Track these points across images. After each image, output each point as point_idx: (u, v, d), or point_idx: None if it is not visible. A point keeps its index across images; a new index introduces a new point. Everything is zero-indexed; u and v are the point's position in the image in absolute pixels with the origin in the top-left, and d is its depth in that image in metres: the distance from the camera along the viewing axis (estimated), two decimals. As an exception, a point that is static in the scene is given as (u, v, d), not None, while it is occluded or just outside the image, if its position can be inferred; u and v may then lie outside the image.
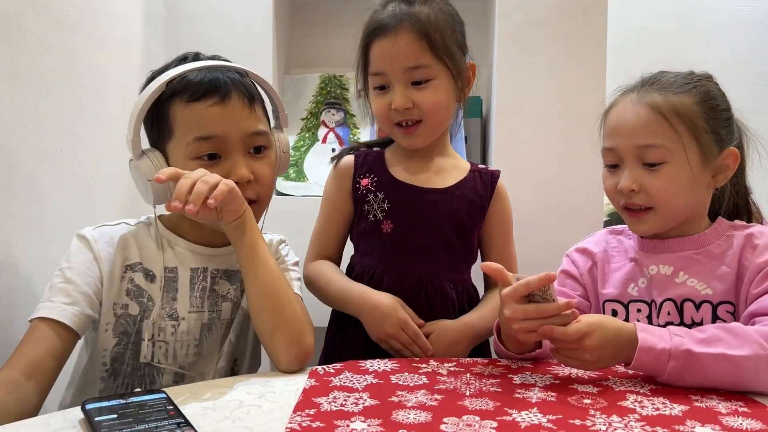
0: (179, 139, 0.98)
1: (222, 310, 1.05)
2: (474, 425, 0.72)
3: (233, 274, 1.06)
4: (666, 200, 0.99)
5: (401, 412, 0.76)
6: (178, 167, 0.94)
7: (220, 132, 0.97)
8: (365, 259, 1.17)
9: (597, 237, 1.14)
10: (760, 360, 0.82)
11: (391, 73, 1.09)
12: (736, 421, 0.75)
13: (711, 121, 0.98)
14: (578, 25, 1.59)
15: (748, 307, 0.94)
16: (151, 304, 0.99)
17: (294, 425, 0.71)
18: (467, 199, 1.16)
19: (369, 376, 0.90)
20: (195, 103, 0.97)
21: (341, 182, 1.19)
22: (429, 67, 1.08)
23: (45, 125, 1.18)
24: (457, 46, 1.11)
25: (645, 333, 0.86)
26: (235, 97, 0.98)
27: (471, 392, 0.84)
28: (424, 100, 1.09)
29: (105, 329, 0.98)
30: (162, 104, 0.98)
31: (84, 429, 0.71)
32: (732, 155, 1.00)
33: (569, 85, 1.59)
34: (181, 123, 0.97)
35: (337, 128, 1.81)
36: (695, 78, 1.02)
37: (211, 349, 1.04)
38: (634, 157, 1.00)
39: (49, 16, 1.20)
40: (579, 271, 1.11)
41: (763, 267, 0.95)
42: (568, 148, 1.58)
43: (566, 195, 1.58)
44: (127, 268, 1.00)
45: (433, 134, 1.14)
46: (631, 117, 1.00)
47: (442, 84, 1.10)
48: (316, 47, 1.91)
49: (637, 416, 0.76)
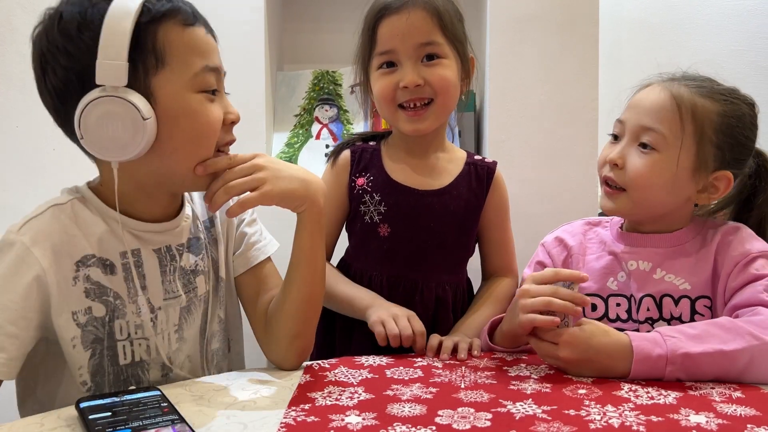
0: (178, 69, 0.81)
1: (197, 285, 0.93)
2: (469, 417, 0.72)
3: (193, 243, 0.94)
4: (638, 184, 0.99)
5: (396, 406, 0.76)
6: (177, 101, 0.81)
7: (219, 63, 0.87)
8: (361, 261, 1.17)
9: (573, 228, 1.14)
10: (754, 351, 0.83)
11: (402, 50, 1.08)
12: (730, 408, 0.75)
13: (721, 136, 0.97)
14: (570, 18, 1.59)
15: (728, 300, 0.95)
16: (119, 302, 0.85)
17: (289, 420, 0.72)
18: (464, 198, 1.15)
19: (364, 370, 0.90)
20: (192, 29, 0.83)
21: (338, 178, 1.18)
22: (441, 45, 1.08)
23: (37, 124, 1.17)
24: (462, 35, 1.12)
25: (639, 340, 0.85)
26: (209, 29, 0.89)
27: (466, 385, 0.84)
28: (435, 77, 1.08)
29: (72, 345, 0.83)
30: (142, 30, 0.78)
31: (79, 427, 0.71)
32: (724, 179, 0.99)
33: (562, 77, 1.58)
34: (180, 50, 0.81)
35: (331, 124, 1.81)
36: (734, 94, 1.01)
37: (193, 330, 0.94)
38: (633, 135, 1.00)
39: (40, 14, 1.19)
40: (554, 262, 1.11)
41: (739, 260, 0.96)
42: (562, 141, 1.58)
43: (560, 188, 1.58)
44: (79, 264, 0.83)
45: (441, 117, 1.13)
46: (651, 98, 1.00)
47: (452, 63, 1.10)
48: (309, 43, 1.91)
49: (631, 405, 0.76)
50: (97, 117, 0.76)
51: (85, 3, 0.79)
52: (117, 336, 0.86)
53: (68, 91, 0.79)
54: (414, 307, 1.09)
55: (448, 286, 1.15)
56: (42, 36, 0.81)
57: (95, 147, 0.79)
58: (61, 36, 0.79)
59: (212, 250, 0.98)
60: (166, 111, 0.80)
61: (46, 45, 0.80)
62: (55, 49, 0.79)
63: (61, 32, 0.79)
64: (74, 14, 0.79)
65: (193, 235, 0.94)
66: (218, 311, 0.98)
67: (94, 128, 0.77)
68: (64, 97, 0.80)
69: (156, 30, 0.80)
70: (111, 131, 0.77)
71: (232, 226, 1.02)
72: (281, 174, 0.89)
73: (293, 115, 1.83)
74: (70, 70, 0.79)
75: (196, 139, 0.84)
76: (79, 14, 0.78)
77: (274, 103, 1.83)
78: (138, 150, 0.79)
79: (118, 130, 0.77)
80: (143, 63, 0.79)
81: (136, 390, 0.78)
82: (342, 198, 1.18)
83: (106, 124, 0.77)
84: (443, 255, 1.15)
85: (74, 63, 0.78)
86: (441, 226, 1.13)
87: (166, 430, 0.68)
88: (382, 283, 1.13)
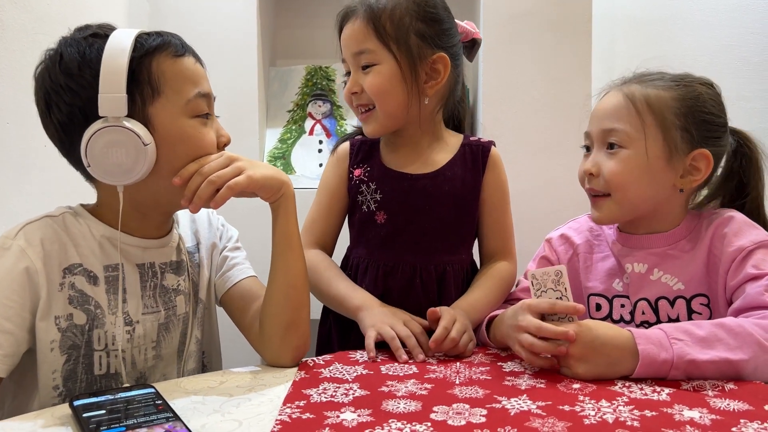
0: (172, 97, 0.87)
1: (177, 305, 0.97)
2: (464, 413, 0.72)
3: (177, 265, 0.98)
4: (619, 185, 0.99)
5: (391, 402, 0.76)
6: (174, 127, 0.87)
7: (209, 89, 0.93)
8: (359, 250, 1.17)
9: (579, 224, 1.14)
10: (759, 361, 0.82)
11: (347, 59, 1.12)
12: (723, 403, 0.75)
13: (684, 119, 0.98)
14: (564, 14, 1.60)
15: (731, 302, 0.94)
16: (99, 312, 0.88)
17: (284, 417, 0.71)
18: (459, 177, 1.14)
19: (359, 366, 0.90)
20: (181, 60, 0.89)
21: (338, 170, 1.19)
22: (373, 53, 1.08)
23: (27, 121, 1.16)
24: (417, 35, 1.08)
25: (644, 342, 0.83)
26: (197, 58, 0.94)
27: (461, 380, 0.84)
28: (366, 83, 1.09)
29: (50, 348, 0.85)
30: (137, 63, 0.85)
31: (73, 426, 0.70)
32: (703, 158, 0.99)
33: (555, 73, 1.59)
34: (173, 79, 0.88)
35: (324, 120, 1.81)
36: (687, 78, 1.02)
37: (170, 349, 0.97)
38: (600, 141, 1.02)
39: (30, 11, 1.18)
40: (559, 260, 1.11)
41: (736, 256, 0.95)
42: (555, 137, 1.58)
43: (554, 184, 1.59)
44: (66, 272, 0.87)
45: (386, 122, 1.12)
46: (605, 103, 1.03)
47: (385, 69, 1.08)
48: (302, 38, 1.90)
49: (625, 399, 0.76)
50: (101, 146, 0.82)
51: (83, 43, 0.86)
52: (95, 345, 0.88)
53: (72, 124, 0.85)
54: (414, 291, 1.10)
55: (449, 267, 1.13)
56: (44, 75, 0.87)
57: (102, 173, 0.84)
58: (64, 75, 0.85)
59: (194, 273, 1.01)
60: (163, 136, 0.86)
61: (50, 83, 0.86)
62: (59, 87, 0.85)
63: (63, 72, 0.85)
64: (74, 54, 0.85)
65: (177, 258, 0.99)
66: (195, 332, 1.01)
67: (100, 156, 0.83)
68: (69, 129, 0.86)
69: (150, 63, 0.86)
70: (115, 158, 0.83)
71: (216, 250, 1.06)
72: (256, 163, 0.93)
73: (286, 111, 1.82)
74: (74, 105, 0.84)
75: (192, 160, 0.89)
76: (78, 54, 0.85)
77: (267, 99, 1.83)
78: (141, 173, 0.84)
79: (122, 156, 0.83)
80: (140, 93, 0.85)
81: (131, 387, 0.78)
82: (342, 190, 1.18)
83: (110, 152, 0.83)
84: (442, 236, 1.13)
85: (77, 99, 0.84)
86: (437, 207, 1.12)
87: (160, 427, 0.67)
88: (381, 269, 1.12)
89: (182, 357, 0.98)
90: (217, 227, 1.08)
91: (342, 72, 1.83)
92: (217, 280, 1.05)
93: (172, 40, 0.89)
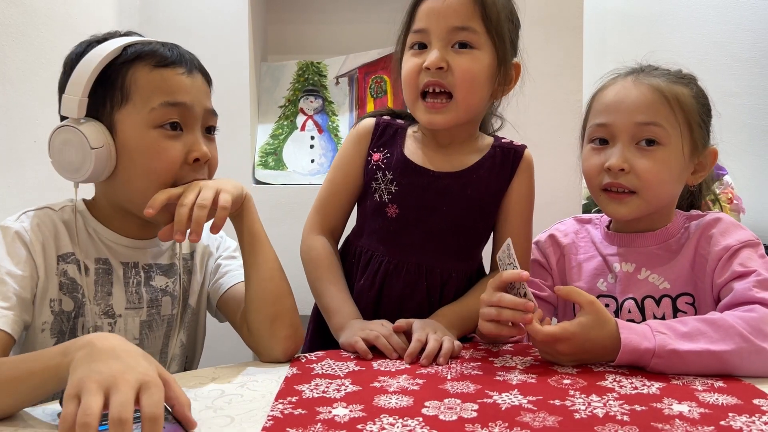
0: (139, 105, 0.88)
1: (162, 305, 0.98)
2: (455, 408, 0.73)
3: (168, 268, 1.01)
4: (653, 184, 0.97)
5: (383, 397, 0.76)
6: (134, 136, 0.88)
7: (188, 100, 0.91)
8: (365, 240, 1.10)
9: (566, 226, 1.14)
10: (743, 353, 0.83)
11: (435, 31, 1.01)
12: (712, 397, 0.76)
13: (702, 116, 0.99)
14: (555, 10, 1.60)
15: (719, 299, 0.95)
16: (86, 301, 0.91)
17: (276, 413, 0.72)
18: (484, 181, 1.07)
19: (351, 363, 0.90)
20: (163, 69, 0.90)
21: (359, 147, 1.11)
22: (476, 33, 1.00)
23: (16, 116, 1.16)
24: (508, 35, 1.04)
25: (627, 331, 0.85)
26: (197, 72, 0.94)
27: (452, 376, 0.85)
28: (460, 65, 1.00)
29: (41, 329, 0.88)
30: (114, 69, 0.88)
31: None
32: (712, 154, 1.01)
33: (546, 69, 1.59)
34: (144, 88, 0.89)
35: (316, 115, 1.80)
36: (688, 75, 1.03)
37: (153, 348, 0.97)
38: (629, 136, 0.98)
39: (19, 5, 1.17)
40: (549, 262, 1.12)
41: (722, 255, 0.95)
42: (546, 133, 1.58)
43: (545, 179, 1.58)
44: (60, 259, 0.90)
45: (459, 115, 1.03)
46: (634, 94, 0.99)
47: (484, 57, 1.01)
48: (294, 33, 1.90)
49: (615, 395, 0.77)
50: (58, 143, 0.87)
51: (82, 45, 0.92)
52: (78, 333, 0.91)
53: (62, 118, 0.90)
54: (417, 293, 1.06)
55: (455, 274, 1.08)
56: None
57: (58, 168, 0.89)
58: (63, 67, 0.92)
59: (185, 278, 1.02)
60: (123, 144, 0.88)
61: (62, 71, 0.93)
62: (60, 81, 0.92)
63: (64, 64, 0.92)
64: (72, 54, 0.91)
65: (168, 261, 1.01)
66: (181, 336, 1.02)
67: (57, 153, 0.88)
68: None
69: (126, 70, 0.89)
70: (67, 156, 0.87)
71: (212, 258, 1.07)
72: (218, 181, 0.93)
73: (278, 106, 1.82)
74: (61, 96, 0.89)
75: (148, 173, 0.89)
76: (74, 54, 0.91)
77: (259, 94, 1.82)
78: (87, 174, 0.87)
79: (72, 155, 0.87)
80: (111, 99, 0.89)
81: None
82: (357, 170, 1.11)
83: (64, 150, 0.87)
84: (456, 241, 1.07)
85: (61, 92, 0.89)
86: (454, 210, 1.06)
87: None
88: (383, 266, 1.07)
89: (166, 358, 0.99)
90: (215, 237, 1.08)
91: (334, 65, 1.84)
92: (211, 287, 1.06)
93: (159, 50, 0.91)
